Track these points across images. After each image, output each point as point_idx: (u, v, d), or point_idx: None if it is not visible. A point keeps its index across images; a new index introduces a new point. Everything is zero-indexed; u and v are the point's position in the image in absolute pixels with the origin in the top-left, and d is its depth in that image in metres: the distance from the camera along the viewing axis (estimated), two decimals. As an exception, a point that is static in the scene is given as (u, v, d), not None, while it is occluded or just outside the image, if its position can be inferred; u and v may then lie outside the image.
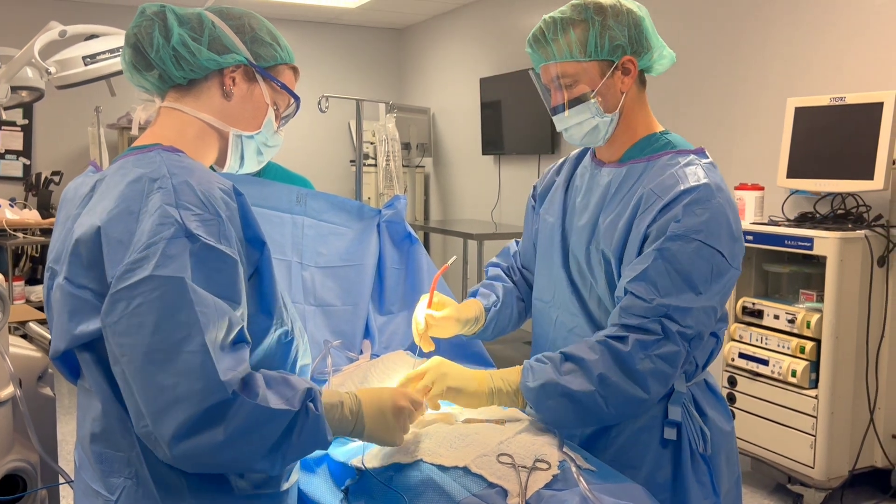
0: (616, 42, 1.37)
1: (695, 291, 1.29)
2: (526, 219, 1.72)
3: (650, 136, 1.45)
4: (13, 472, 1.58)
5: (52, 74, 2.15)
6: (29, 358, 1.77)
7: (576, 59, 1.38)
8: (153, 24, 1.16)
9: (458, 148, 6.53)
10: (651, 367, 1.28)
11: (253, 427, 1.00)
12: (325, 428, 1.08)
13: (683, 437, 1.40)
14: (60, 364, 1.12)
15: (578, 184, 1.53)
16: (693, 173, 1.34)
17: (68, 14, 5.14)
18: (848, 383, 2.90)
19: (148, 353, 0.97)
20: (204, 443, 0.97)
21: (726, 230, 1.32)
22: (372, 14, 6.61)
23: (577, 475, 1.17)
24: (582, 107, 1.40)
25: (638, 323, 1.30)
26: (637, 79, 1.42)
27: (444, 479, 1.17)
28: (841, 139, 3.05)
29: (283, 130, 1.29)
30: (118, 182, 1.07)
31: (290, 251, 1.79)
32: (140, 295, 0.97)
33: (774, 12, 3.65)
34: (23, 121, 5.87)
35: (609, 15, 1.37)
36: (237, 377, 0.99)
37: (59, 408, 1.89)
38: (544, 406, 1.32)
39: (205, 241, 1.01)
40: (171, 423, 0.96)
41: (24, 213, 5.00)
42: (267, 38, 1.23)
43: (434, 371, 1.35)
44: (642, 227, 1.34)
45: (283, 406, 1.03)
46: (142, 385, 0.97)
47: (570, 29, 1.37)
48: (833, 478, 2.90)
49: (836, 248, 2.83)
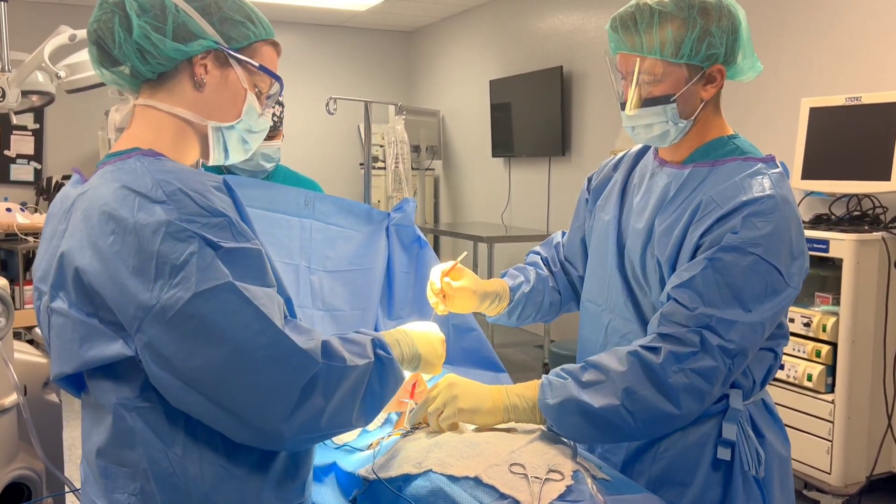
0: (712, 50, 1.27)
1: (744, 308, 1.21)
2: (577, 211, 1.62)
3: (718, 140, 1.36)
4: (18, 480, 1.57)
5: (62, 79, 2.14)
6: (35, 364, 1.75)
7: (666, 58, 1.27)
8: (113, 17, 1.08)
9: (467, 150, 6.51)
10: (685, 381, 1.20)
11: (345, 387, 1.04)
12: (398, 367, 1.14)
13: (736, 457, 1.30)
14: (63, 382, 1.09)
15: (637, 182, 1.45)
16: (759, 183, 1.25)
17: (78, 18, 5.15)
18: (865, 388, 2.85)
19: (225, 363, 0.96)
20: (310, 415, 1.00)
21: (787, 246, 1.23)
22: (381, 16, 6.60)
23: (591, 486, 1.14)
24: (658, 108, 1.30)
25: (675, 332, 1.22)
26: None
27: (454, 490, 1.14)
28: (857, 140, 3.00)
29: (270, 111, 1.22)
30: (100, 197, 1.00)
31: (298, 255, 1.77)
32: (193, 316, 0.95)
33: (788, 11, 3.61)
34: (34, 125, 5.89)
35: (713, 19, 1.26)
36: (317, 344, 1.02)
37: (66, 413, 1.88)
38: (565, 424, 1.27)
39: (225, 246, 0.98)
40: (277, 410, 0.98)
41: (35, 216, 5.01)
42: (237, 15, 1.13)
43: (445, 393, 1.31)
44: (696, 236, 1.26)
45: (362, 361, 1.07)
46: (231, 395, 0.97)
47: (667, 24, 1.26)
48: (850, 484, 2.86)
49: (852, 250, 2.79)
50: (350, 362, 1.05)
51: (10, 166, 5.89)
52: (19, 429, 1.59)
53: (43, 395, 1.75)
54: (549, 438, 1.28)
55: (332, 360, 1.03)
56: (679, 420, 1.24)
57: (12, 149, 5.87)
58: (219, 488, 1.04)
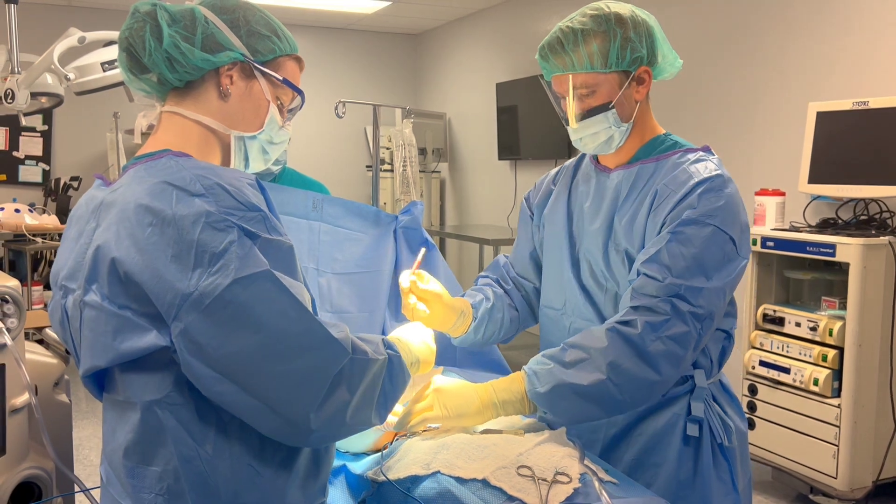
0: (636, 54, 1.39)
1: (706, 276, 1.31)
2: (521, 228, 1.71)
3: (655, 139, 1.48)
4: (29, 479, 1.58)
5: (71, 80, 2.16)
6: (45, 364, 1.76)
7: (597, 70, 1.39)
8: (145, 26, 1.11)
9: (474, 153, 6.52)
10: (663, 348, 1.28)
11: (367, 381, 1.07)
12: (406, 367, 1.17)
13: (704, 433, 1.41)
14: (89, 379, 1.09)
15: (584, 189, 1.54)
16: (705, 167, 1.38)
17: (87, 20, 5.17)
18: (871, 392, 2.85)
19: (260, 350, 0.98)
20: (337, 407, 1.02)
21: (738, 219, 1.35)
22: (388, 19, 6.61)
23: (599, 489, 1.14)
24: (600, 117, 1.41)
25: (647, 303, 1.30)
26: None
27: (462, 492, 1.15)
28: (864, 144, 3.00)
29: (290, 125, 1.25)
30: (139, 194, 1.02)
31: (307, 257, 1.78)
32: (232, 302, 0.96)
33: (796, 16, 3.61)
34: (42, 127, 5.92)
35: (629, 27, 1.38)
36: (347, 336, 1.05)
37: (76, 413, 1.89)
38: (559, 408, 1.32)
39: (263, 236, 1.01)
40: (307, 400, 1.00)
41: (43, 218, 5.03)
42: (264, 30, 1.17)
43: (431, 399, 1.34)
44: (658, 221, 1.36)
45: (381, 356, 1.10)
46: (265, 383, 0.98)
47: (590, 40, 1.38)
48: (856, 488, 2.85)
49: (859, 254, 2.78)
50: (372, 356, 1.08)
51: (18, 167, 5.92)
52: (30, 428, 1.60)
53: (53, 395, 1.76)
54: (557, 442, 1.29)
55: (356, 354, 1.05)
56: (660, 386, 1.31)
57: (21, 150, 5.90)
58: (247, 487, 1.04)
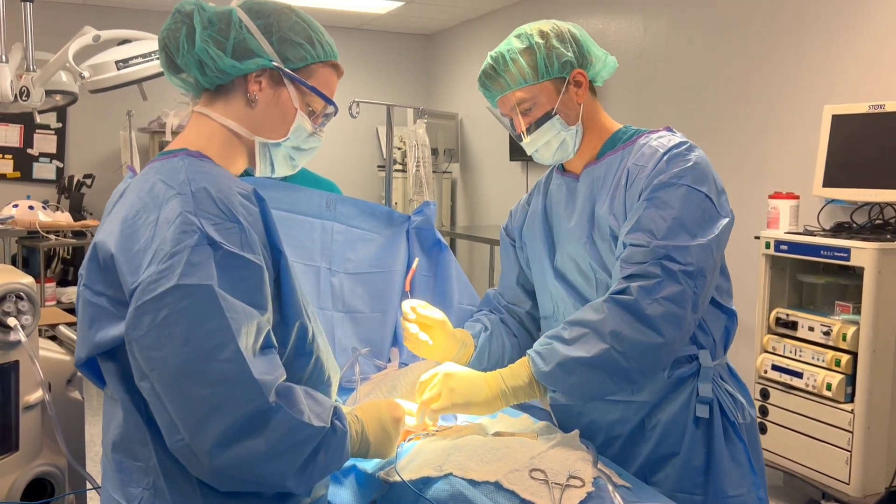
0: (564, 59, 1.43)
1: (690, 234, 1.32)
2: (504, 257, 1.73)
3: (615, 133, 1.51)
4: (41, 476, 1.58)
5: (85, 79, 2.17)
6: (58, 361, 1.77)
7: (530, 83, 1.44)
8: (182, 27, 1.13)
9: (485, 154, 6.51)
10: (661, 310, 1.28)
11: (292, 441, 0.99)
12: (348, 447, 1.08)
13: (715, 415, 1.41)
14: (87, 371, 1.10)
15: (557, 198, 1.56)
16: (669, 140, 1.42)
17: (102, 19, 5.20)
18: (885, 397, 2.82)
19: (181, 365, 0.94)
20: (244, 453, 0.95)
21: (711, 178, 1.37)
22: (401, 20, 6.61)
23: (612, 493, 1.14)
24: (546, 125, 1.45)
25: (637, 270, 1.31)
26: (588, 89, 1.49)
27: (474, 495, 1.14)
28: (879, 147, 2.97)
29: (323, 132, 1.24)
30: (139, 189, 1.06)
31: (319, 257, 1.78)
32: (167, 306, 0.95)
33: (810, 18, 3.59)
34: (57, 124, 5.95)
35: (551, 37, 1.44)
36: (274, 381, 0.98)
37: (88, 410, 1.90)
38: (566, 384, 1.31)
39: (227, 248, 0.99)
40: (211, 432, 0.94)
41: (56, 215, 5.06)
42: (297, 37, 1.16)
43: (440, 384, 1.33)
44: (635, 195, 1.38)
45: (318, 423, 1.02)
46: (176, 398, 0.95)
47: (518, 58, 1.43)
48: (869, 495, 2.83)
49: (873, 258, 2.76)
50: (307, 418, 1.00)
51: (32, 164, 5.95)
52: (43, 425, 1.61)
53: (66, 392, 1.76)
54: (570, 445, 1.28)
55: (288, 407, 0.98)
56: (665, 349, 1.30)
57: (35, 147, 5.92)
58: None
